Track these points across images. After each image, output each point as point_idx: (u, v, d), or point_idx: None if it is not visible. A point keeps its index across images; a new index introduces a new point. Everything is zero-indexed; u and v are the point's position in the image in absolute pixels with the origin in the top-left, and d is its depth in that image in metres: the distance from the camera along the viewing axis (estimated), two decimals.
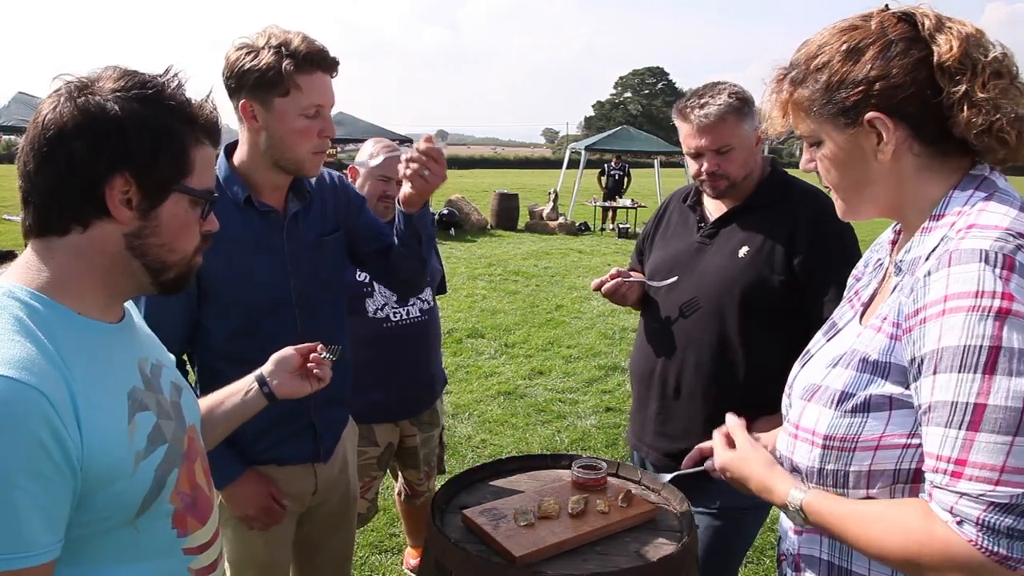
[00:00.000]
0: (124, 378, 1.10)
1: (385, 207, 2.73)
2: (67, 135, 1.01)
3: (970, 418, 0.97)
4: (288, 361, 1.56)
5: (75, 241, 1.06)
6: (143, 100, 1.05)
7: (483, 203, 17.99)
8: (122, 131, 1.03)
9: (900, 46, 1.10)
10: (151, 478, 1.08)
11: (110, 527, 1.05)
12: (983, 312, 0.97)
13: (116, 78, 1.06)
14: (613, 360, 6.46)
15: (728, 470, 1.37)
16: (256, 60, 1.70)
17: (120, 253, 1.08)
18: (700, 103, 2.03)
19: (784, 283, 2.00)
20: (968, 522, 0.98)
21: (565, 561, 1.56)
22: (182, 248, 1.13)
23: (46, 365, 0.95)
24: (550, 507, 1.69)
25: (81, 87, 1.04)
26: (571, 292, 9.42)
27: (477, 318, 7.89)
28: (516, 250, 12.96)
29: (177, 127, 1.08)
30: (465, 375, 6.05)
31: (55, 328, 1.01)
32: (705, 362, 2.08)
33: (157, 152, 1.06)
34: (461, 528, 1.67)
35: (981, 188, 1.11)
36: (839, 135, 1.15)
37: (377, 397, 2.67)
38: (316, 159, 1.83)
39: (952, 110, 1.08)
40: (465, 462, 4.40)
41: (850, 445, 1.13)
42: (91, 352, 1.05)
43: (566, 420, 5.16)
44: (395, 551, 3.52)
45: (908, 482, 1.10)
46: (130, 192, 1.05)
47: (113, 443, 1.02)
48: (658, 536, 1.67)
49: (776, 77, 1.21)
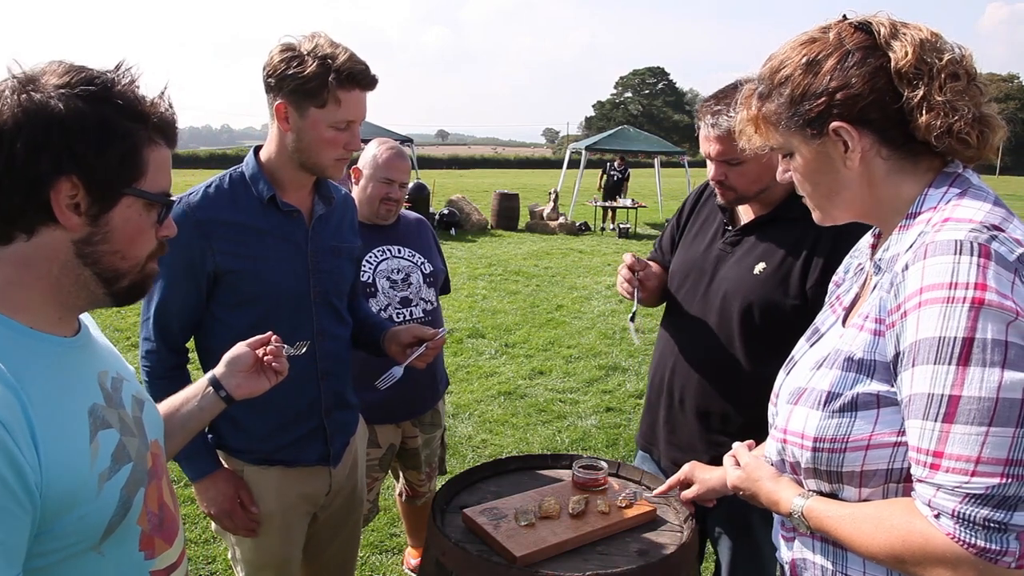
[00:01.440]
0: (83, 395, 1.03)
1: (387, 209, 2.72)
2: (6, 134, 0.94)
3: (945, 410, 0.98)
4: (241, 359, 1.48)
5: (20, 250, 0.98)
6: (88, 97, 0.97)
7: (484, 203, 18.00)
8: (65, 130, 0.95)
9: (857, 55, 1.12)
10: (116, 499, 1.02)
11: (73, 554, 0.98)
12: (957, 303, 0.98)
13: (61, 73, 0.98)
14: (614, 360, 6.45)
15: (739, 488, 1.39)
16: (300, 67, 1.73)
17: (70, 262, 1.01)
18: (715, 109, 1.93)
19: (796, 308, 1.89)
20: (945, 515, 0.99)
21: (566, 561, 1.56)
22: (135, 255, 1.06)
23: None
24: (551, 507, 1.69)
25: (24, 82, 0.96)
26: (572, 292, 9.41)
27: (478, 318, 7.89)
28: (516, 250, 12.96)
29: (127, 125, 1.00)
30: (466, 375, 6.05)
31: (5, 344, 0.94)
32: (709, 380, 2.03)
33: (104, 153, 0.98)
34: (462, 528, 1.67)
35: (955, 185, 1.13)
36: (807, 146, 1.18)
37: (379, 398, 2.66)
38: (339, 165, 1.89)
39: (912, 114, 1.10)
40: (466, 462, 4.40)
41: (840, 446, 1.13)
42: (46, 368, 0.98)
43: (567, 420, 5.16)
44: (396, 551, 3.52)
45: (901, 481, 1.10)
46: (78, 196, 0.98)
47: (75, 465, 0.96)
48: (658, 536, 1.67)
49: (745, 93, 1.24)
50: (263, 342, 1.52)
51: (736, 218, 2.12)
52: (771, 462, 1.30)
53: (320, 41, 1.77)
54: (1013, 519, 0.95)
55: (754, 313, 1.94)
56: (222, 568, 3.26)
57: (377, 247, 2.75)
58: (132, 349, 6.02)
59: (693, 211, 2.29)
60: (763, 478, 1.31)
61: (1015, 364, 0.95)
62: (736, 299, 1.97)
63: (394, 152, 2.72)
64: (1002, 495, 0.95)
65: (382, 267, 2.73)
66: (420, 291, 2.78)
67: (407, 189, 2.78)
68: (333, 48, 1.76)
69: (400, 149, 2.75)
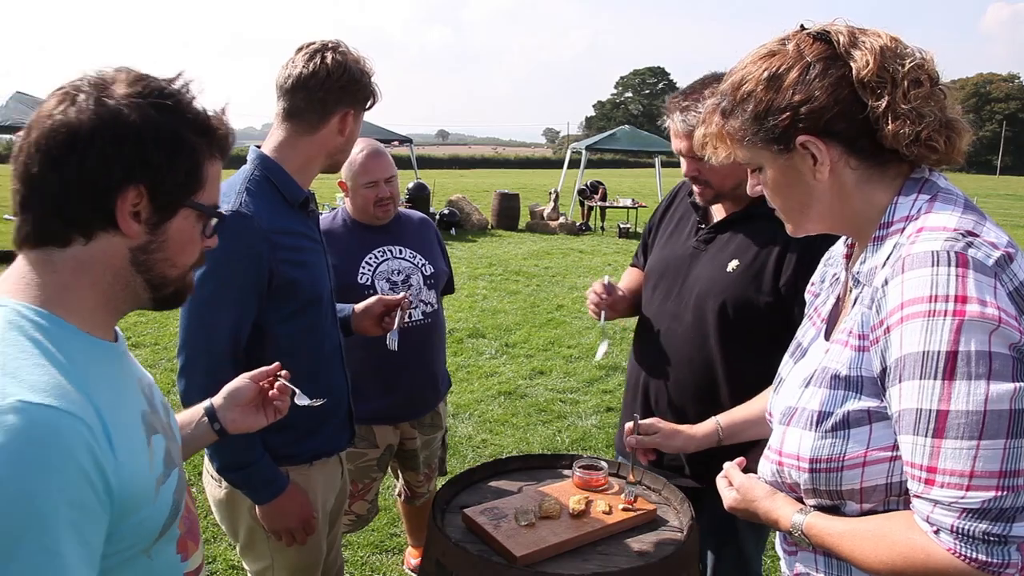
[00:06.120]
0: (134, 400, 1.04)
1: (384, 210, 2.68)
2: (80, 139, 0.94)
3: (934, 425, 0.98)
4: (241, 392, 1.43)
5: (77, 254, 0.98)
6: (161, 108, 0.98)
7: (484, 203, 17.99)
8: (140, 140, 0.96)
9: (819, 67, 1.09)
10: (170, 503, 1.04)
11: (128, 558, 0.99)
12: (939, 316, 0.97)
13: (130, 82, 0.98)
14: (614, 360, 6.45)
15: (736, 510, 1.38)
16: (364, 77, 1.83)
17: (124, 268, 1.02)
18: (683, 105, 1.92)
19: (770, 305, 1.89)
20: (944, 530, 0.98)
21: (566, 561, 1.56)
22: (184, 263, 1.08)
23: (74, 390, 0.89)
24: (551, 507, 1.69)
25: (97, 88, 0.97)
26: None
27: (478, 318, 7.89)
28: (517, 250, 12.96)
29: (193, 139, 1.02)
30: (466, 375, 6.05)
31: (71, 349, 0.94)
32: (685, 380, 2.02)
33: (173, 165, 1.00)
34: (462, 528, 1.67)
35: (924, 190, 1.12)
36: (775, 161, 1.16)
37: (379, 399, 2.66)
38: None
39: (878, 123, 1.08)
40: (466, 462, 4.40)
41: (837, 465, 1.12)
42: (104, 373, 0.98)
43: (567, 420, 5.16)
44: (396, 551, 3.52)
45: (902, 494, 1.09)
46: (140, 205, 0.98)
47: (139, 469, 0.97)
48: (659, 536, 1.67)
49: (708, 109, 1.22)
50: (268, 375, 1.46)
51: (709, 216, 2.11)
52: (768, 482, 1.29)
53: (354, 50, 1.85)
54: (1012, 531, 0.95)
55: (728, 311, 1.93)
56: (222, 568, 3.26)
57: (377, 248, 2.72)
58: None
59: (667, 211, 2.29)
60: (759, 498, 1.30)
61: (1000, 375, 0.95)
62: (710, 297, 1.96)
63: (368, 152, 2.63)
64: (999, 508, 0.95)
65: (382, 268, 2.70)
66: (420, 293, 2.74)
67: (395, 182, 2.72)
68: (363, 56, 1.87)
69: (374, 146, 2.66)
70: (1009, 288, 0.99)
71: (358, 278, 2.65)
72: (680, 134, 1.93)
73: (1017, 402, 0.94)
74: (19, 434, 0.81)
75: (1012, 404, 0.94)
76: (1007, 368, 0.95)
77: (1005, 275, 1.00)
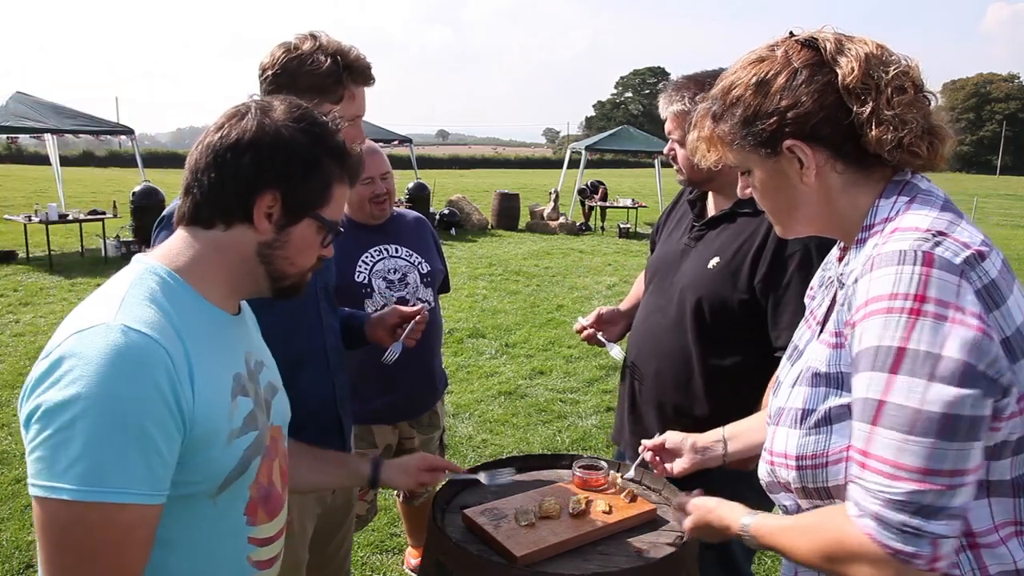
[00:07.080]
0: (231, 361, 1.21)
1: (380, 208, 2.69)
2: (243, 146, 1.16)
3: (872, 413, 1.01)
4: (410, 468, 1.77)
5: (216, 236, 1.19)
6: (310, 134, 1.19)
7: (484, 203, 17.99)
8: (287, 155, 1.17)
9: (805, 73, 1.12)
10: (239, 457, 1.18)
11: (195, 493, 1.13)
12: (895, 313, 1.00)
13: (290, 108, 1.20)
14: (614, 360, 6.45)
15: (695, 529, 1.43)
16: (315, 64, 1.70)
17: (250, 257, 1.21)
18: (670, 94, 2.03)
19: (744, 303, 1.92)
20: (867, 515, 1.02)
21: (566, 561, 1.56)
22: (302, 264, 1.26)
23: (169, 329, 1.08)
24: (551, 507, 1.69)
25: (263, 109, 1.19)
26: (572, 292, 9.41)
27: (478, 318, 7.89)
28: (517, 250, 12.96)
29: (329, 164, 1.21)
30: (466, 375, 6.05)
31: (180, 304, 1.14)
32: (664, 372, 2.07)
33: (308, 180, 1.20)
34: (462, 528, 1.67)
35: (903, 193, 1.14)
36: (763, 164, 1.19)
37: (377, 399, 2.66)
38: None
39: (863, 129, 1.10)
40: (466, 462, 4.40)
41: (822, 461, 1.14)
42: (206, 331, 1.16)
43: (567, 420, 5.16)
44: (396, 551, 3.52)
45: None
46: (274, 207, 1.18)
47: (216, 414, 1.12)
48: (659, 536, 1.67)
49: (699, 113, 1.25)
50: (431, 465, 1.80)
51: (705, 213, 2.17)
52: (764, 482, 1.31)
53: (324, 38, 1.75)
54: (928, 527, 0.98)
55: (704, 307, 1.97)
56: None
57: (374, 247, 2.73)
58: None
59: (672, 211, 2.36)
60: (711, 509, 1.35)
61: (942, 378, 0.97)
62: (689, 293, 2.01)
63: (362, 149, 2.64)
64: (919, 503, 0.97)
65: (378, 267, 2.71)
66: (417, 291, 2.75)
67: (391, 179, 2.72)
68: (339, 44, 1.75)
69: (368, 144, 2.62)
70: (977, 286, 1.01)
71: (355, 277, 2.66)
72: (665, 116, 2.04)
73: (954, 407, 0.96)
74: (117, 347, 1.02)
75: (947, 409, 0.96)
76: (953, 373, 0.97)
77: (974, 273, 1.01)
